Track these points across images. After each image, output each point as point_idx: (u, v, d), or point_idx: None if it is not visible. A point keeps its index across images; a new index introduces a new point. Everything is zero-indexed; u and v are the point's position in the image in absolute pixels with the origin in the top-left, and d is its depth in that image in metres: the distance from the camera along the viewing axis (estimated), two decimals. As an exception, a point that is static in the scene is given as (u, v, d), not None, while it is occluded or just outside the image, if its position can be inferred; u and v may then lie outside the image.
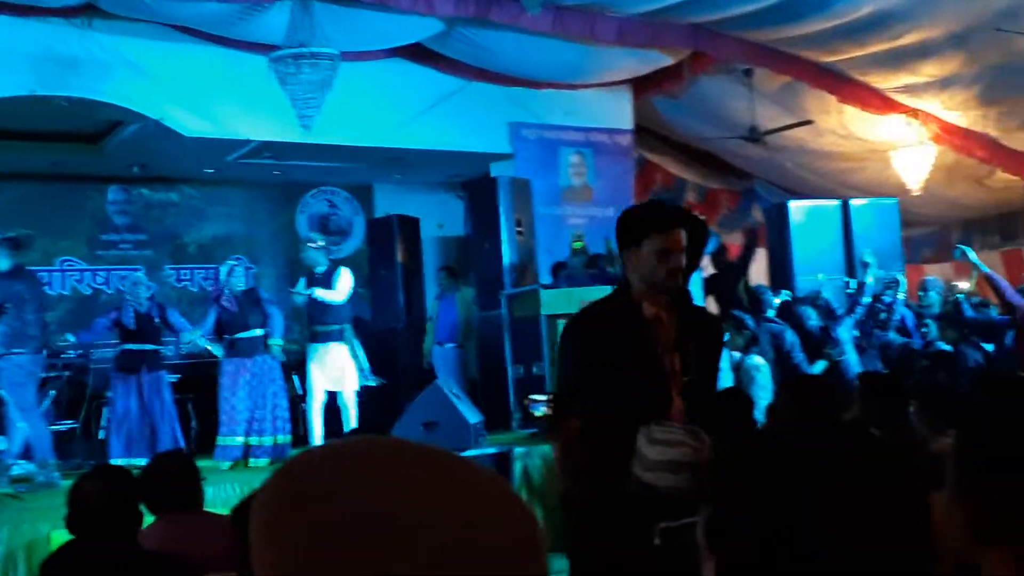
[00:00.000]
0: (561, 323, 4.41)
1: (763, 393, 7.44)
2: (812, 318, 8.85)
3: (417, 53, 11.74)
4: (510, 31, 10.68)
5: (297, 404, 10.16)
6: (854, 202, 10.67)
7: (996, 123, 13.16)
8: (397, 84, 11.86)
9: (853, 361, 8.55)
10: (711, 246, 10.38)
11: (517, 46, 11.24)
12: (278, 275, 13.87)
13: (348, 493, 0.81)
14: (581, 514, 3.59)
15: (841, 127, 13.66)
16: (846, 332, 8.80)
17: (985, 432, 1.41)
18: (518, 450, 6.70)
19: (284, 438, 9.15)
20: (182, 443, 9.01)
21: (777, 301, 9.15)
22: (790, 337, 8.52)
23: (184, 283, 13.85)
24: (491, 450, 6.80)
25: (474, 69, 12.10)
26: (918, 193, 13.32)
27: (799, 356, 8.42)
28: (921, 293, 9.68)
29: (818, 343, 8.56)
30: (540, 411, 6.17)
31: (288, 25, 9.00)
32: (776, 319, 8.72)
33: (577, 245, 10.90)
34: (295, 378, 10.36)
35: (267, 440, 9.06)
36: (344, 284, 9.66)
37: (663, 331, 3.86)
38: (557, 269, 10.88)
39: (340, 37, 9.39)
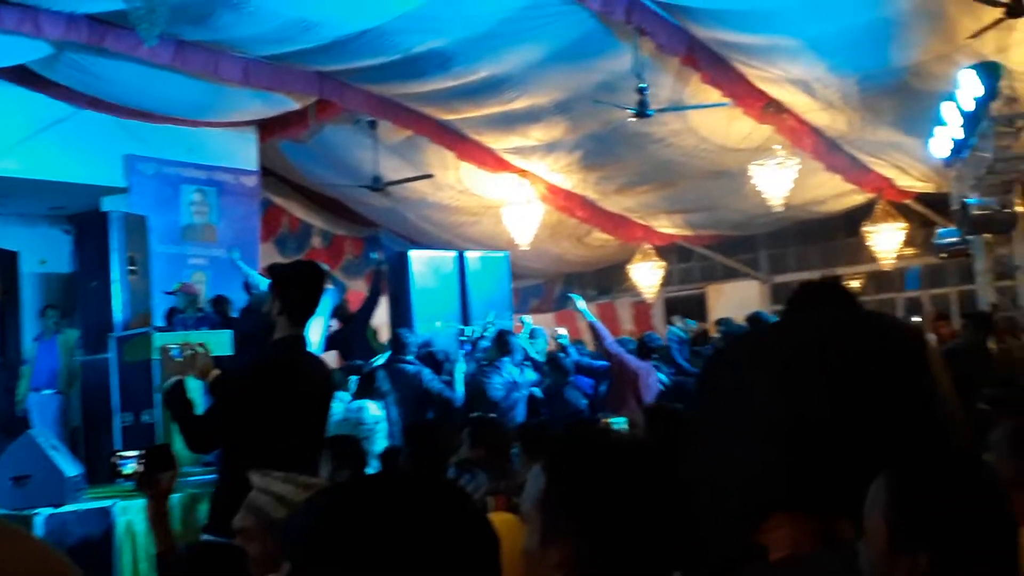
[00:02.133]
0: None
1: (378, 439, 7.55)
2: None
3: (22, 76, 10.85)
4: (128, 61, 10.18)
5: None
6: (469, 254, 11.19)
7: (595, 186, 14.47)
8: (-3, 107, 10.89)
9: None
10: (335, 298, 10.43)
11: (135, 77, 10.73)
12: None
13: None
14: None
15: (459, 182, 14.37)
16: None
17: (566, 472, 1.52)
18: (121, 504, 6.28)
19: None
20: None
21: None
22: (428, 376, 8.69)
23: None
24: (91, 504, 6.32)
25: (86, 97, 11.37)
26: (526, 248, 14.27)
27: (446, 392, 8.61)
28: (531, 341, 10.31)
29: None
30: (130, 467, 5.81)
31: None
32: (413, 360, 8.88)
33: (175, 286, 10.47)
34: None
35: None
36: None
37: None
38: (172, 313, 10.42)
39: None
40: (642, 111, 10.38)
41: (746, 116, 11.69)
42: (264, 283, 8.91)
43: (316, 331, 8.94)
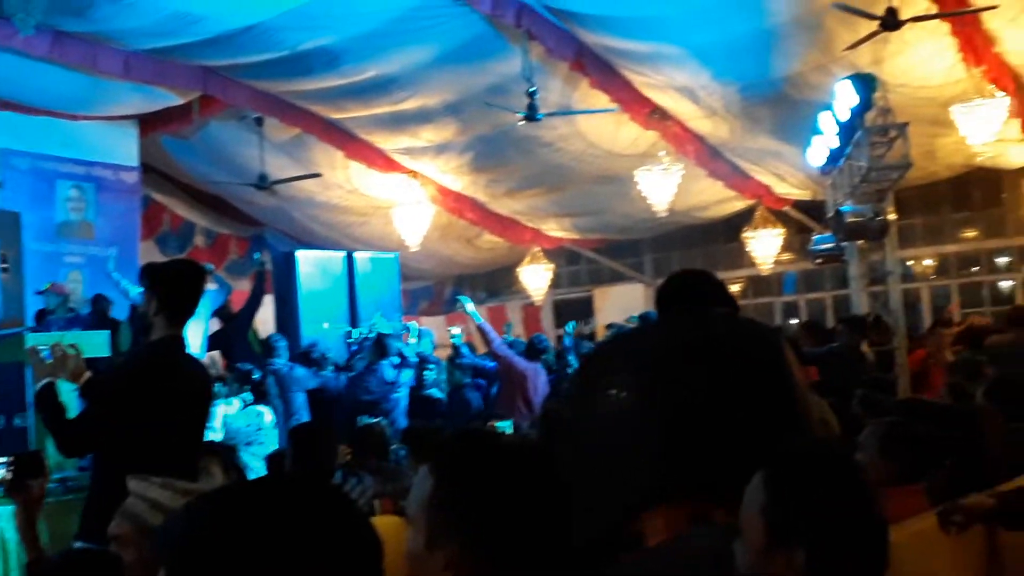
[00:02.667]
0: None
1: (269, 441, 7.42)
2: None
3: None
4: (2, 51, 9.76)
5: None
6: (358, 255, 11.08)
7: (485, 189, 14.51)
8: None
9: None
10: (221, 299, 10.19)
11: (10, 68, 10.29)
12: None
13: None
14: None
15: (347, 182, 14.22)
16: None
17: (454, 474, 1.52)
18: (-11, 511, 6.01)
19: None
20: None
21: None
22: (300, 372, 8.60)
23: None
24: (-46, 513, 6.03)
25: (-47, 88, 10.88)
26: (416, 249, 14.22)
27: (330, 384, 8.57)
28: (414, 341, 10.27)
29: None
30: (-1, 474, 5.57)
31: None
32: (289, 363, 8.75)
33: (45, 285, 10.08)
34: None
35: None
36: None
37: None
38: (42, 315, 10.01)
39: None
40: (531, 115, 10.45)
41: (632, 122, 11.89)
42: (135, 291, 8.70)
43: (196, 332, 8.74)
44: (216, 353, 9.90)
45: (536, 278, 16.45)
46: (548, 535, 1.45)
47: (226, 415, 7.48)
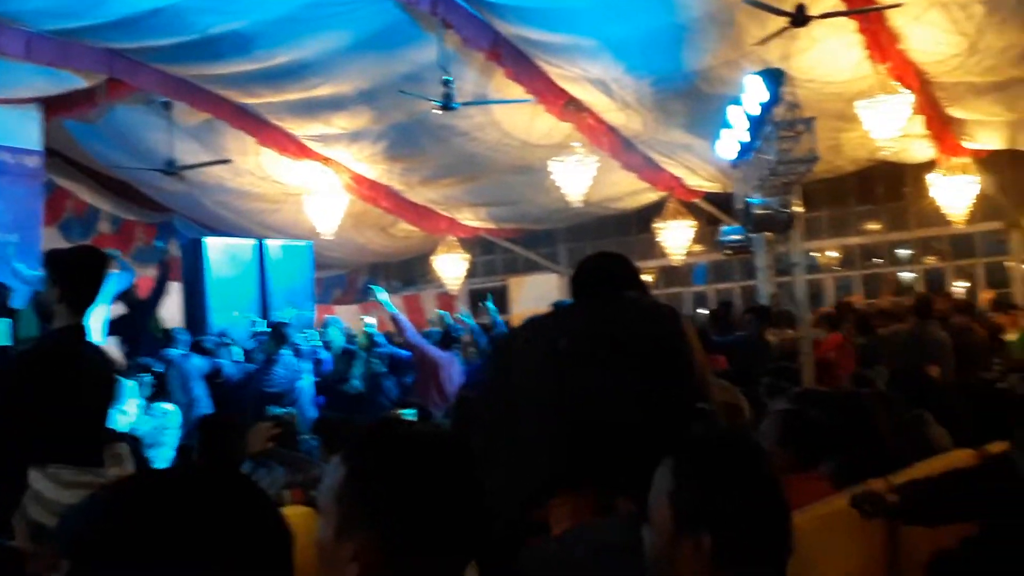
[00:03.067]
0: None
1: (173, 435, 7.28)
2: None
3: None
4: None
5: None
6: (270, 242, 10.92)
7: (400, 177, 14.43)
8: None
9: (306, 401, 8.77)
10: (125, 283, 9.95)
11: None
12: None
13: None
14: None
15: (259, 168, 14.00)
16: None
17: (365, 463, 1.51)
18: None
19: None
20: None
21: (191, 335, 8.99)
22: (196, 361, 8.49)
23: None
24: None
25: None
26: (330, 237, 14.08)
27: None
28: (322, 330, 10.19)
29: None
30: None
31: None
32: (184, 353, 8.60)
33: None
34: None
35: None
36: None
37: None
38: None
39: None
40: (447, 103, 10.42)
41: (548, 113, 11.94)
42: (34, 277, 8.46)
43: (98, 319, 8.52)
44: (114, 341, 9.66)
45: (451, 267, 16.43)
46: (459, 525, 1.46)
47: (130, 424, 7.27)
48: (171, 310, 10.68)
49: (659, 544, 1.74)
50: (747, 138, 9.76)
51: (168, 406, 7.53)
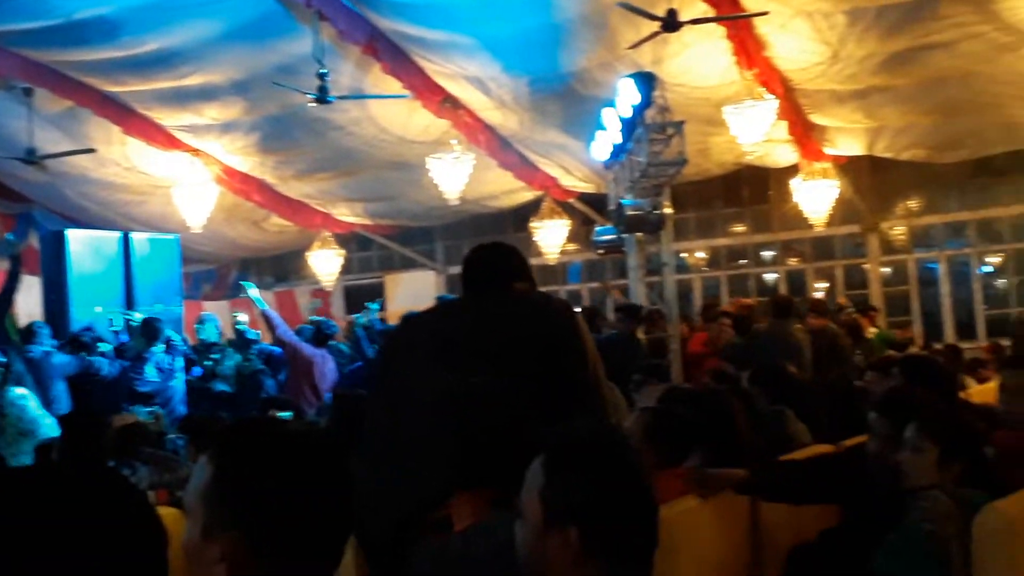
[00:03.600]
0: None
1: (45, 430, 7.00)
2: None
3: None
4: None
5: None
6: (135, 235, 10.58)
7: (273, 170, 14.17)
8: None
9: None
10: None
11: None
12: None
13: None
14: None
15: (125, 159, 13.55)
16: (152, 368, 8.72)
17: (233, 463, 1.49)
18: None
19: None
20: None
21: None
22: (59, 359, 8.19)
23: None
24: None
25: None
26: (199, 231, 13.73)
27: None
28: (198, 327, 9.93)
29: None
30: None
31: None
32: (47, 350, 8.26)
33: None
34: None
35: None
36: None
37: None
38: None
39: None
40: (322, 97, 10.30)
41: (425, 109, 11.92)
42: None
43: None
44: None
45: (326, 263, 16.22)
46: (329, 525, 1.45)
47: None
48: (29, 305, 10.25)
49: (529, 539, 1.77)
50: (620, 140, 9.95)
51: (32, 400, 7.23)
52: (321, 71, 10.21)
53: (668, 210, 10.00)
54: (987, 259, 14.19)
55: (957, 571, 2.90)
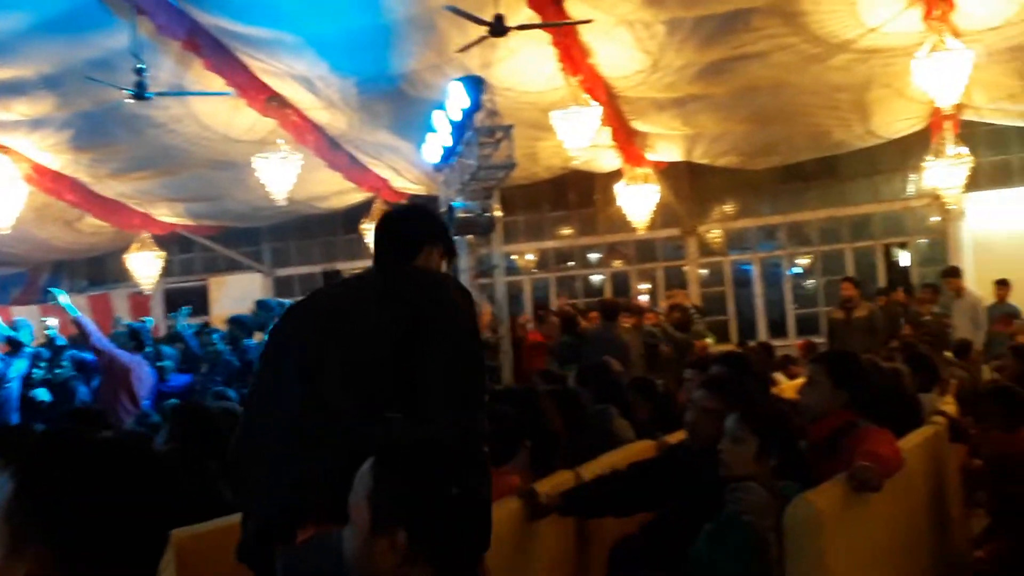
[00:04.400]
0: None
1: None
2: None
3: None
4: None
5: None
6: (-65, 237, 9.94)
7: (87, 169, 13.53)
8: None
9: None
10: None
11: None
12: None
13: None
14: None
15: (-78, 155, 12.68)
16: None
17: (36, 477, 1.42)
18: None
19: None
20: None
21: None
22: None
23: None
24: None
25: None
26: (7, 232, 12.97)
27: None
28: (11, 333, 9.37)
29: None
30: None
31: None
32: None
33: None
34: None
35: None
36: None
37: None
38: None
39: None
40: (140, 93, 9.92)
41: (250, 108, 11.65)
42: None
43: None
44: None
45: (145, 265, 15.60)
46: (141, 537, 1.40)
47: None
48: None
49: (357, 544, 1.76)
50: (450, 142, 10.00)
51: None
52: (139, 66, 9.83)
53: (498, 213, 10.11)
54: (797, 261, 14.97)
55: (772, 561, 3.05)
